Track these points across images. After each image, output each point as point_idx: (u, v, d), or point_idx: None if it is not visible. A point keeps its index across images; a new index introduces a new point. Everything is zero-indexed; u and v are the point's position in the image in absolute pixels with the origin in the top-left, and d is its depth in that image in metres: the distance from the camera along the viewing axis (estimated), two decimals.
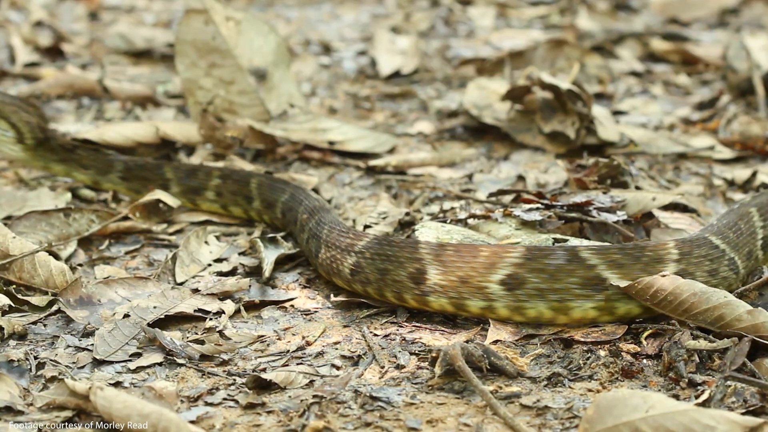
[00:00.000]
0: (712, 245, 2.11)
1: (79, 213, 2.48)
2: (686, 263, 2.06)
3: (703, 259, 2.09)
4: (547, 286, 2.02)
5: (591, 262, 2.01)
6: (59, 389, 1.80)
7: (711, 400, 1.80)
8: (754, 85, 3.29)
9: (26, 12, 4.12)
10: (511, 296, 2.02)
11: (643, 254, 2.04)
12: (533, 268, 2.01)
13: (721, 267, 2.11)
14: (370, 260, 2.12)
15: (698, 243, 2.10)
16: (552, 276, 2.01)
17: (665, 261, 2.04)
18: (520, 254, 2.03)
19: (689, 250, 2.08)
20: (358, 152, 2.90)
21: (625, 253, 2.03)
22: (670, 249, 2.06)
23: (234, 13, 2.94)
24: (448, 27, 4.08)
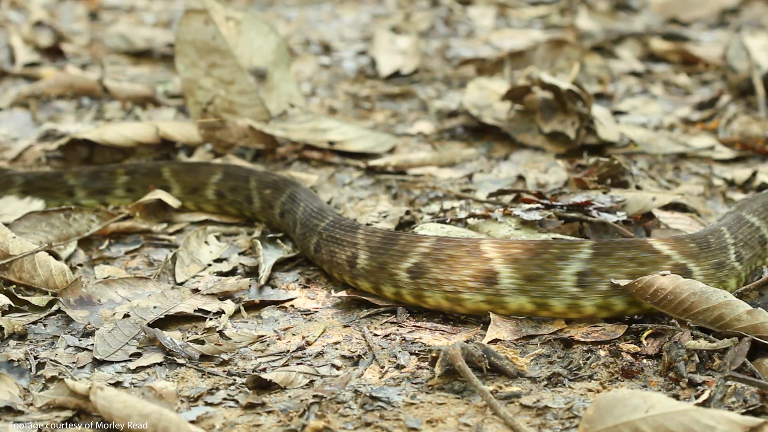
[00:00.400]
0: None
1: (79, 213, 2.48)
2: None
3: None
4: (444, 277, 2.07)
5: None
6: (59, 389, 1.80)
7: (711, 400, 1.80)
8: (754, 85, 3.30)
9: (26, 12, 4.12)
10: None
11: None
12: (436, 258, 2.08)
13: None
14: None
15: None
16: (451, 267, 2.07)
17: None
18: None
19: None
20: (358, 152, 2.90)
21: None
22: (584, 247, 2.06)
23: (234, 13, 2.94)
24: (448, 27, 4.08)
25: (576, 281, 2.03)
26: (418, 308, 2.12)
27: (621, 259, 2.03)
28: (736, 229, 2.19)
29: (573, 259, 2.03)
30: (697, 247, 2.09)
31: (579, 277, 2.03)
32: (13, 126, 3.08)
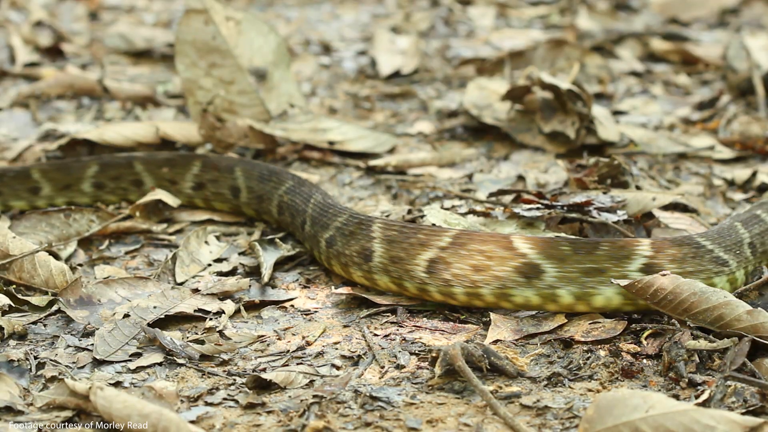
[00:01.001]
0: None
1: (79, 213, 2.48)
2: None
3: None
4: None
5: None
6: (59, 389, 1.80)
7: (711, 400, 1.80)
8: (754, 85, 3.30)
9: (26, 12, 4.12)
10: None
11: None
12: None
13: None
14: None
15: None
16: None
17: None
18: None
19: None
20: (358, 152, 2.90)
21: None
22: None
23: (234, 13, 2.94)
24: (448, 27, 4.08)
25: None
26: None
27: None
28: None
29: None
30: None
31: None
32: (13, 126, 3.08)
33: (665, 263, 2.06)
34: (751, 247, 2.19)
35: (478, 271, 2.08)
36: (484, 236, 2.10)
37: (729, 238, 2.16)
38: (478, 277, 2.08)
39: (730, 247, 2.15)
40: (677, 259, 2.07)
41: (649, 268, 2.05)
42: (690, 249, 2.09)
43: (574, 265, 2.05)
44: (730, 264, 2.13)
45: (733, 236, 2.17)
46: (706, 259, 2.10)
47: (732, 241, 2.16)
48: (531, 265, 2.06)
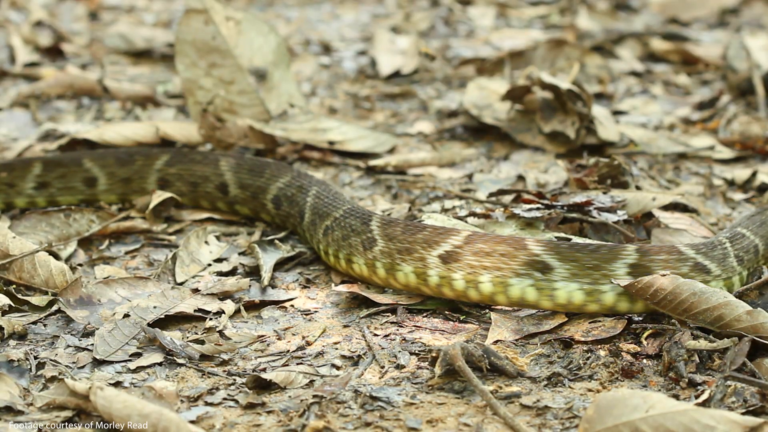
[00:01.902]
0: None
1: (79, 213, 2.48)
2: None
3: None
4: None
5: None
6: (59, 389, 1.80)
7: (711, 400, 1.80)
8: (754, 85, 3.29)
9: (26, 12, 4.12)
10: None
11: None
12: None
13: None
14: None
15: None
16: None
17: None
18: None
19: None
20: (358, 152, 2.90)
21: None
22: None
23: (234, 13, 2.93)
24: (448, 27, 4.08)
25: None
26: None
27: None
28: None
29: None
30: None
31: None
32: (13, 126, 3.08)
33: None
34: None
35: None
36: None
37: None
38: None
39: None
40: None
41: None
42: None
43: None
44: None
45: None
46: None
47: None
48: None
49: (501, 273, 2.06)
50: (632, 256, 2.05)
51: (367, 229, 2.20)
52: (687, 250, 2.09)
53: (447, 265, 2.10)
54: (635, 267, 2.04)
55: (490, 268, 2.07)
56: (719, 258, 2.12)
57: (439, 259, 2.10)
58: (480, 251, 2.08)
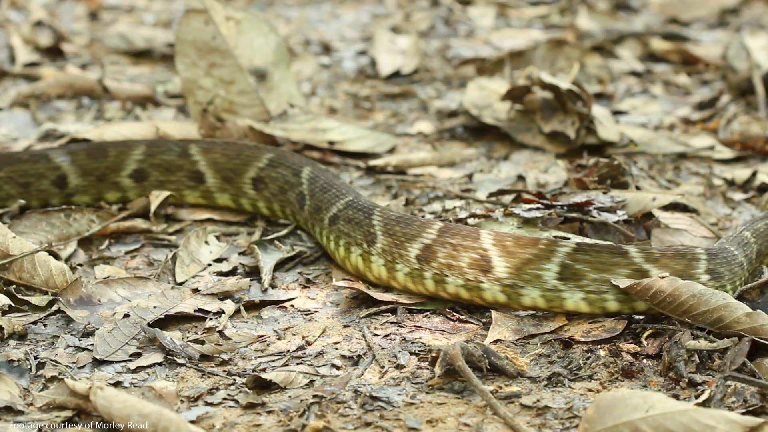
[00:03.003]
0: None
1: (79, 213, 2.48)
2: None
3: None
4: (164, 178, 2.56)
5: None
6: (59, 389, 1.80)
7: (711, 400, 1.80)
8: (754, 85, 3.29)
9: (26, 12, 4.12)
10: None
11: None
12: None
13: None
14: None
15: None
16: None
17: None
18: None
19: None
20: (358, 152, 2.90)
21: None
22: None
23: (234, 13, 2.93)
24: (448, 27, 4.08)
25: None
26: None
27: None
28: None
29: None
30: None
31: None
32: (13, 126, 3.08)
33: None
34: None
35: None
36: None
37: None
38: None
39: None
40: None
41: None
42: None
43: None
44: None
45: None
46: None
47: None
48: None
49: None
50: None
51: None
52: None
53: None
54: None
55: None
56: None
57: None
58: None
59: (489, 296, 2.09)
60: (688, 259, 2.07)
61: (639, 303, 2.03)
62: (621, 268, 2.04)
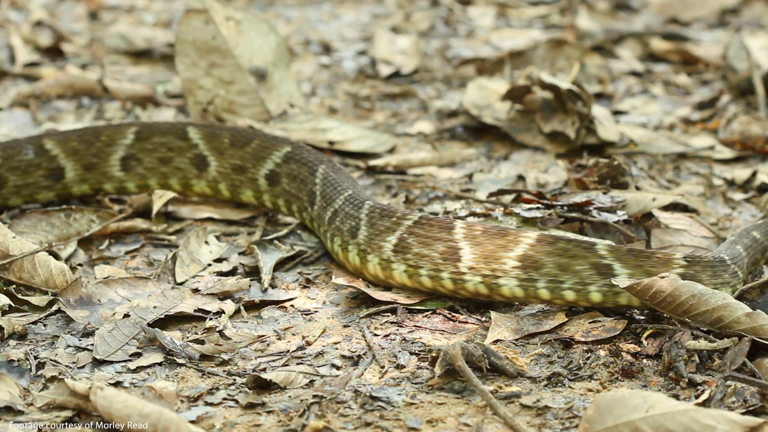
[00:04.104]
0: None
1: (79, 213, 2.48)
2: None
3: None
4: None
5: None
6: (59, 389, 1.80)
7: (711, 400, 1.80)
8: (754, 85, 3.30)
9: (26, 12, 4.12)
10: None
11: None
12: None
13: None
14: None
15: None
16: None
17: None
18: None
19: None
20: (358, 152, 2.90)
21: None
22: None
23: (234, 13, 2.93)
24: (448, 27, 4.08)
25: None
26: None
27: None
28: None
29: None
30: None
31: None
32: (13, 126, 3.08)
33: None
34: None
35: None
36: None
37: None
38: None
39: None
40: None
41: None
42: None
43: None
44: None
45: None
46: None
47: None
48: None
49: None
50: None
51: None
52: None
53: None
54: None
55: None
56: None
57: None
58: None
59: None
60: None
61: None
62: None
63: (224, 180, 2.56)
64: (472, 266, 2.11)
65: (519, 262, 2.09)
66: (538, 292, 2.08)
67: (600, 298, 2.06)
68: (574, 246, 2.08)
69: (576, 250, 2.08)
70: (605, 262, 2.07)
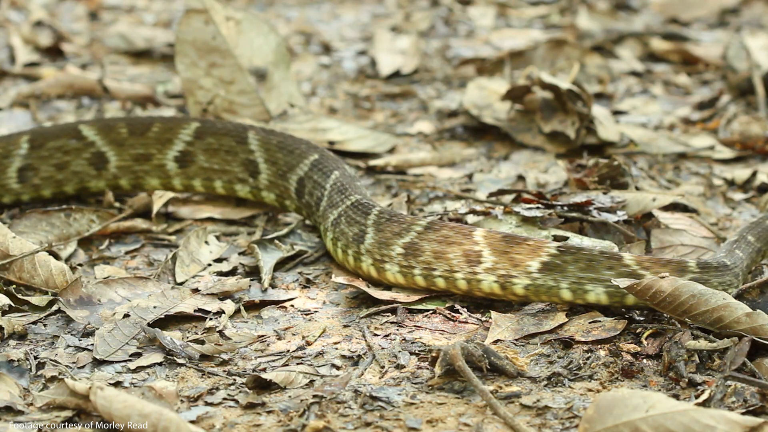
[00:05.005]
0: None
1: (79, 213, 2.48)
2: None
3: None
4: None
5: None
6: (59, 389, 1.80)
7: (711, 400, 1.80)
8: (754, 85, 3.30)
9: (26, 12, 4.12)
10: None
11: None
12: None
13: None
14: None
15: None
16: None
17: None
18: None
19: None
20: (358, 152, 2.90)
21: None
22: None
23: (234, 13, 2.93)
24: (448, 27, 4.08)
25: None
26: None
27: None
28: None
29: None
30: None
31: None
32: (14, 126, 3.08)
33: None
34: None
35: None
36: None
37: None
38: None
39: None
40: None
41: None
42: None
43: None
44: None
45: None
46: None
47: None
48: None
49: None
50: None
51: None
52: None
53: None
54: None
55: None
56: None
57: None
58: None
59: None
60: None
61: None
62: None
63: (125, 175, 2.55)
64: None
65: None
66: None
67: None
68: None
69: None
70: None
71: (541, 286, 2.10)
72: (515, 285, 2.11)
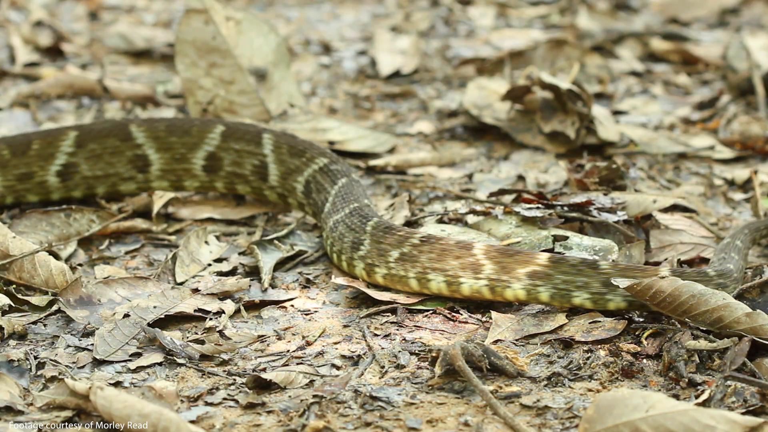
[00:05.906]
0: None
1: (79, 213, 2.48)
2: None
3: None
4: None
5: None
6: (59, 389, 1.80)
7: (711, 400, 1.80)
8: (754, 85, 3.30)
9: (26, 12, 4.12)
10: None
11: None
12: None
13: None
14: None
15: None
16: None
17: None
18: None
19: None
20: (358, 152, 2.90)
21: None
22: None
23: (234, 13, 2.93)
24: (448, 27, 4.08)
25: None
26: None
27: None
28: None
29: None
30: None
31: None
32: (14, 126, 3.08)
33: None
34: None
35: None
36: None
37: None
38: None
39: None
40: None
41: None
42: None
43: None
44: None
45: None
46: None
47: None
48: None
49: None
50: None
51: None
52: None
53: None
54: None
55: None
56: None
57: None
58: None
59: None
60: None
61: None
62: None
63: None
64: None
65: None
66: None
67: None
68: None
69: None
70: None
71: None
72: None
